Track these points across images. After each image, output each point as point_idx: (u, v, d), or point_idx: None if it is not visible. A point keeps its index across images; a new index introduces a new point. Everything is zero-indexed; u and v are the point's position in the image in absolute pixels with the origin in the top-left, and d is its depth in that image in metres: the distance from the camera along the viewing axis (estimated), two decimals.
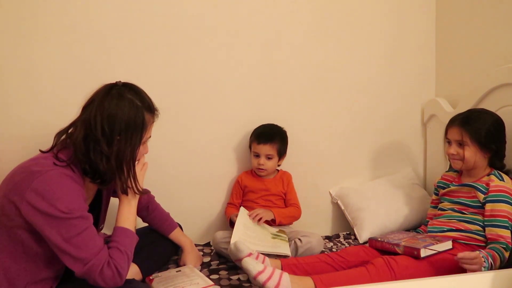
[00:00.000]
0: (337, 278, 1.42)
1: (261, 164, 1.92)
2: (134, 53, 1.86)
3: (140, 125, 1.24)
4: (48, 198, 1.12)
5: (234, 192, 2.01)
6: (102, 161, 1.20)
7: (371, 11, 2.15)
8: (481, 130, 1.56)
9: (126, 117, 1.20)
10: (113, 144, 1.20)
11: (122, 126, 1.20)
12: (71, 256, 1.14)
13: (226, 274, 1.60)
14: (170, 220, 1.69)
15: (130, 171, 1.26)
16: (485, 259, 1.38)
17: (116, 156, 1.21)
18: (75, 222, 1.14)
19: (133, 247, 1.26)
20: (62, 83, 1.79)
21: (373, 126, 2.21)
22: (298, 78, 2.09)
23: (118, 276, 1.18)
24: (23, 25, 1.73)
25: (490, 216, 1.53)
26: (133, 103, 1.23)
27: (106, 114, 1.19)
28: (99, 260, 1.15)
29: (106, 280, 1.16)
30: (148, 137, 1.32)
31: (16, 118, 1.75)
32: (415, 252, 1.47)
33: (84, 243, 1.15)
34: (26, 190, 1.12)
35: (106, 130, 1.18)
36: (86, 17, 1.80)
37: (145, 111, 1.26)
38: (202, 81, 1.96)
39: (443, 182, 1.76)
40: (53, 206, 1.11)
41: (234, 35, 1.98)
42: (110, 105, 1.20)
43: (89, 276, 1.15)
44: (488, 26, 1.89)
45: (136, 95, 1.25)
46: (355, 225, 2.03)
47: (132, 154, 1.24)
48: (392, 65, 2.20)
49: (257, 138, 1.93)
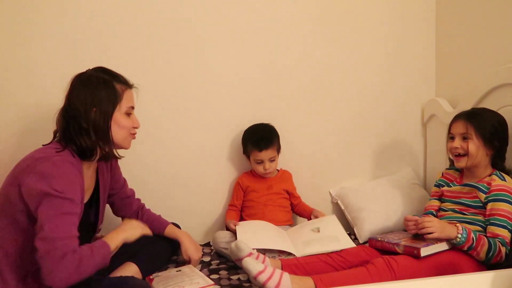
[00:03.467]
0: (337, 278, 1.42)
1: (267, 169, 1.91)
2: (133, 54, 1.86)
3: (112, 94, 1.35)
4: (48, 178, 1.19)
5: (235, 194, 2.01)
6: (83, 136, 1.31)
7: (372, 11, 2.15)
8: (487, 125, 1.58)
9: (97, 90, 1.33)
10: (89, 118, 1.31)
11: (95, 100, 1.32)
12: (43, 232, 1.14)
13: (226, 274, 1.60)
14: (162, 219, 1.69)
15: (108, 137, 1.35)
16: (464, 231, 1.45)
17: (93, 128, 1.32)
18: (62, 203, 1.19)
19: (101, 261, 1.22)
20: (63, 82, 1.79)
21: (373, 126, 2.21)
22: (298, 78, 2.09)
23: (77, 269, 1.14)
24: (23, 25, 1.73)
25: (490, 215, 1.53)
26: (101, 78, 1.36)
27: (80, 95, 1.32)
28: (66, 245, 1.15)
29: (62, 269, 1.12)
30: (129, 106, 1.41)
31: (15, 116, 1.76)
32: (415, 251, 1.47)
33: (62, 224, 1.17)
34: (30, 173, 1.21)
35: (79, 108, 1.31)
36: (87, 17, 1.80)
37: (115, 82, 1.38)
38: (201, 82, 1.97)
39: (443, 181, 1.76)
40: (49, 185, 1.18)
41: (232, 37, 1.98)
42: (81, 86, 1.34)
43: (47, 259, 1.12)
44: (488, 26, 1.89)
45: (104, 73, 1.39)
46: (355, 225, 2.03)
47: (107, 121, 1.34)
48: (392, 65, 2.20)
49: (257, 146, 1.89)
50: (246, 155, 1.97)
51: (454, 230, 1.48)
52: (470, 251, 1.47)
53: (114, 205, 1.65)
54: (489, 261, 1.47)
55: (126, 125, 1.39)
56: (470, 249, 1.47)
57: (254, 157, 1.91)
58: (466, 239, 1.46)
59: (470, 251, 1.47)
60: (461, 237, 1.46)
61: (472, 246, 1.46)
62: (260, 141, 1.89)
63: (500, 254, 1.46)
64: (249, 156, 1.95)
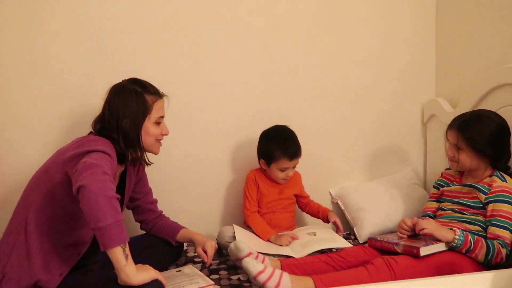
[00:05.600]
0: (337, 278, 1.42)
1: (289, 176, 1.84)
2: (135, 53, 1.87)
3: (142, 106, 1.43)
4: (88, 145, 1.28)
5: (251, 193, 1.86)
6: (114, 144, 1.37)
7: (372, 11, 2.15)
8: (478, 138, 1.54)
9: (129, 103, 1.41)
10: (121, 128, 1.40)
11: (126, 111, 1.40)
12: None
13: (226, 274, 1.60)
14: (176, 225, 1.71)
15: (137, 146, 1.44)
16: (461, 234, 1.45)
17: (123, 136, 1.40)
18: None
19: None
20: (65, 81, 1.80)
21: (373, 126, 2.21)
22: (298, 78, 2.09)
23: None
24: (28, 24, 1.75)
25: (491, 216, 1.53)
26: (133, 90, 1.44)
27: (112, 106, 1.41)
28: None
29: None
30: (159, 116, 1.48)
31: (19, 115, 1.77)
32: (415, 251, 1.47)
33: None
34: (73, 150, 1.28)
35: (111, 120, 1.40)
36: (90, 16, 1.81)
37: (146, 93, 1.45)
38: (201, 82, 1.96)
39: (443, 181, 1.76)
40: (90, 146, 1.27)
41: (231, 37, 1.98)
42: (114, 98, 1.43)
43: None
44: (488, 26, 1.88)
45: (136, 84, 1.46)
46: (355, 225, 2.03)
47: (137, 131, 1.43)
48: (392, 65, 2.20)
49: (289, 155, 1.78)
50: (265, 160, 1.84)
51: (451, 233, 1.48)
52: (468, 254, 1.47)
53: (138, 209, 1.69)
54: (489, 263, 1.46)
55: (154, 133, 1.48)
56: (468, 252, 1.47)
57: (281, 165, 1.80)
58: (463, 242, 1.46)
59: (468, 253, 1.47)
60: (458, 240, 1.46)
61: (470, 249, 1.46)
62: (292, 149, 1.80)
63: (500, 256, 1.46)
64: (270, 162, 1.82)
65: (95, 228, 1.11)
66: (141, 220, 1.71)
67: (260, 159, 1.88)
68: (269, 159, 1.83)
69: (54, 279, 1.28)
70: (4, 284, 1.25)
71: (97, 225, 1.10)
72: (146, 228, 1.71)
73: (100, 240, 1.12)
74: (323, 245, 1.67)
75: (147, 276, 1.19)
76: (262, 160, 1.87)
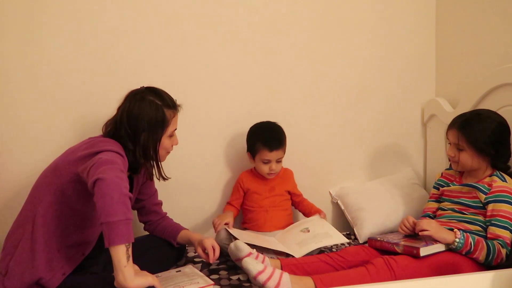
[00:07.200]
0: (337, 278, 1.42)
1: (272, 169, 1.86)
2: (135, 53, 1.86)
3: (161, 121, 1.43)
4: (102, 146, 1.29)
5: (234, 192, 1.98)
6: (129, 155, 1.38)
7: (372, 11, 2.15)
8: (479, 136, 1.54)
9: (148, 117, 1.40)
10: (138, 140, 1.39)
11: (145, 124, 1.40)
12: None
13: (226, 274, 1.60)
14: (177, 226, 1.71)
15: (154, 161, 1.46)
16: (462, 236, 1.45)
17: (142, 150, 1.41)
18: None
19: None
20: (67, 81, 1.80)
21: (373, 126, 2.21)
22: (298, 78, 2.09)
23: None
24: (30, 24, 1.74)
25: (491, 216, 1.53)
26: (153, 103, 1.42)
27: (130, 116, 1.40)
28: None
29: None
30: (174, 130, 1.50)
31: (21, 116, 1.77)
32: (415, 251, 1.47)
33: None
34: (84, 150, 1.29)
35: (129, 129, 1.39)
36: (91, 17, 1.81)
37: (165, 108, 1.44)
38: (200, 81, 1.96)
39: (443, 181, 1.76)
40: (102, 147, 1.28)
41: (231, 36, 1.98)
42: (133, 107, 1.41)
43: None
44: (488, 26, 1.88)
45: (156, 96, 1.45)
46: (355, 225, 2.03)
47: (155, 146, 1.43)
48: (392, 65, 2.20)
49: (268, 146, 1.81)
50: (250, 153, 1.90)
51: (452, 235, 1.48)
52: (469, 255, 1.47)
53: (144, 210, 1.69)
54: (490, 264, 1.46)
55: (167, 146, 1.49)
56: (468, 254, 1.47)
57: (262, 157, 1.84)
58: (463, 245, 1.46)
59: (469, 255, 1.47)
60: (459, 242, 1.46)
61: (470, 251, 1.46)
62: (271, 140, 1.83)
63: (500, 256, 1.46)
64: (254, 154, 1.88)
65: (105, 223, 1.10)
66: (146, 220, 1.71)
67: (248, 153, 1.93)
68: (252, 151, 1.88)
69: (56, 278, 1.28)
70: (6, 279, 1.26)
71: (107, 219, 1.10)
72: (150, 229, 1.71)
73: (106, 235, 1.11)
74: (320, 243, 1.67)
75: (144, 282, 1.17)
76: (249, 153, 1.92)
